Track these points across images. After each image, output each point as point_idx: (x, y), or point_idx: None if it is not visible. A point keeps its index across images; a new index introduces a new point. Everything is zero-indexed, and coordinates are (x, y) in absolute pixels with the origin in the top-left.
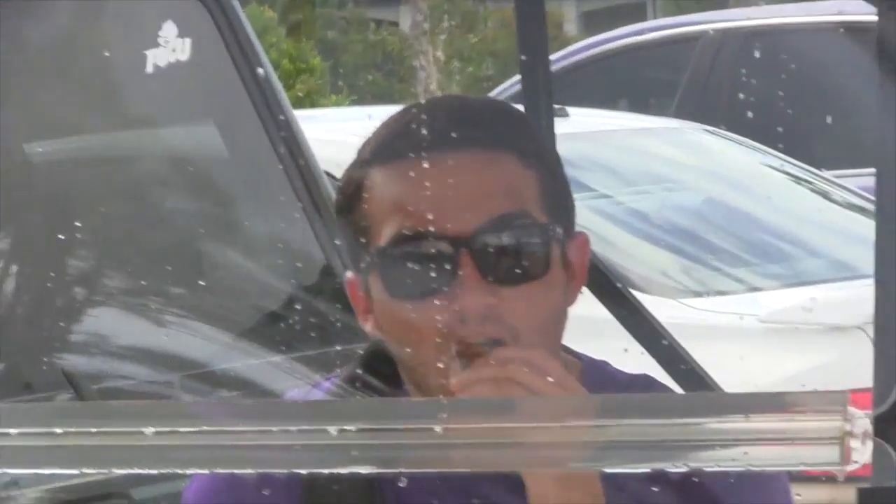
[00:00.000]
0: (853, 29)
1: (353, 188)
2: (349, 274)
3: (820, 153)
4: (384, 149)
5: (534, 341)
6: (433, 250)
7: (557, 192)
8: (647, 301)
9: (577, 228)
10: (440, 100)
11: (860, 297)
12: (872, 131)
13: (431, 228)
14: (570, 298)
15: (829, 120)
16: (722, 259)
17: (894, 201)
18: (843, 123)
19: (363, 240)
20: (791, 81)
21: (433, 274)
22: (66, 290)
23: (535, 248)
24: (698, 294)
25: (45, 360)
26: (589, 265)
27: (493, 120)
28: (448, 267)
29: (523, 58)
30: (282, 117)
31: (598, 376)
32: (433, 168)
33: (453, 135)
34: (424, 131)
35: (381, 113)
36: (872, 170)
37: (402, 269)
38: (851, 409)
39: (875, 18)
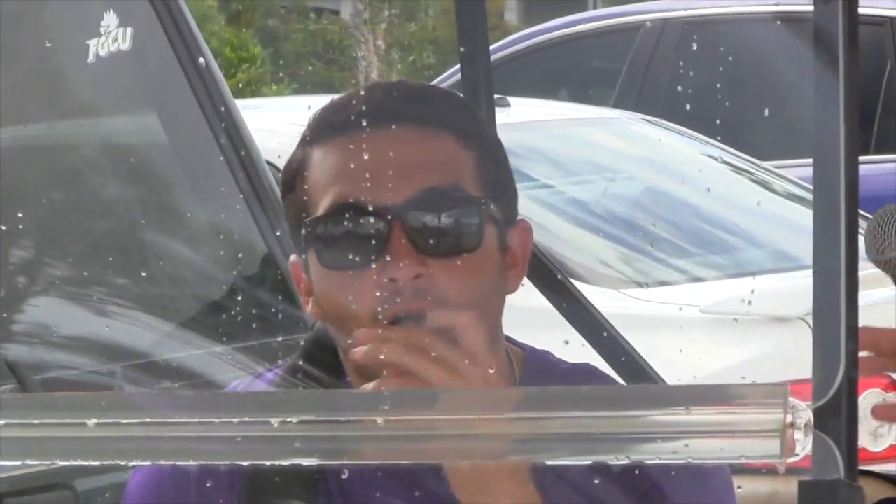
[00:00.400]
0: (790, 19)
1: (294, 167)
2: (293, 257)
3: (759, 144)
4: (323, 126)
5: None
6: (364, 221)
7: (496, 176)
8: (589, 292)
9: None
10: (382, 82)
11: (802, 287)
12: (810, 121)
13: (364, 199)
14: (510, 285)
15: (766, 111)
16: (663, 249)
17: (831, 191)
18: (781, 114)
19: (304, 217)
20: (730, 72)
21: (364, 244)
22: (8, 280)
23: (467, 221)
24: (640, 284)
25: None
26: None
27: (431, 100)
28: (379, 238)
29: (463, 49)
30: (223, 107)
31: (539, 365)
32: (369, 143)
33: (390, 111)
34: (363, 109)
35: (322, 102)
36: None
37: (335, 240)
38: (792, 401)
39: (811, 9)
